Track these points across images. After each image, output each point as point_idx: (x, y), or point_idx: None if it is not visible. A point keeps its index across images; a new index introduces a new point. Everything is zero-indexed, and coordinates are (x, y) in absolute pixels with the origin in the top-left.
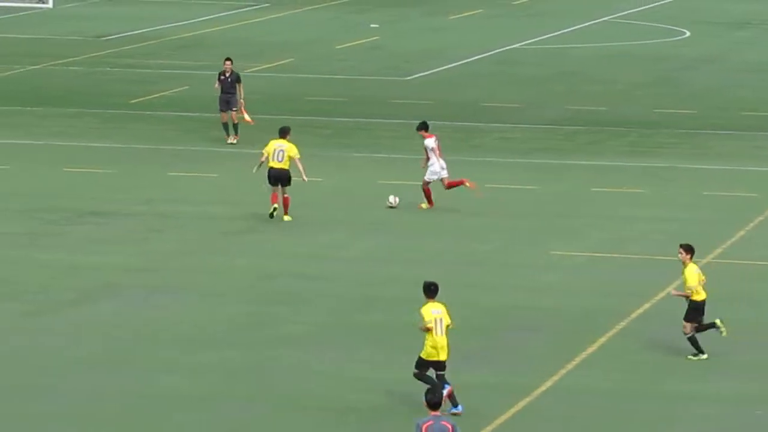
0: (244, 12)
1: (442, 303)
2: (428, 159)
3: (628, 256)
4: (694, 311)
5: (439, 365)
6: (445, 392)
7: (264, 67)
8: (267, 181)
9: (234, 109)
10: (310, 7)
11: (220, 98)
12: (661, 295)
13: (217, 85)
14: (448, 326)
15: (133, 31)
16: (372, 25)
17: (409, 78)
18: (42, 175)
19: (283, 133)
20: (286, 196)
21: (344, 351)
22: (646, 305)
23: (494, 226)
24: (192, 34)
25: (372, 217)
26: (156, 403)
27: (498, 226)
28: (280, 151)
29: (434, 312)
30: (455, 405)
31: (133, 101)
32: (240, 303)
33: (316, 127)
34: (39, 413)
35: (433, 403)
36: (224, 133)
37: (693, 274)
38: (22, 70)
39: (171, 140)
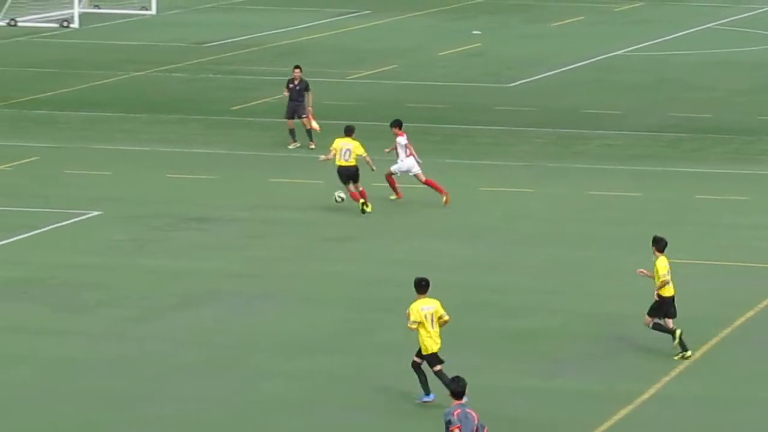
0: (345, 19)
1: (436, 299)
2: (398, 155)
3: (731, 263)
4: (658, 305)
5: (431, 359)
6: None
7: (366, 73)
8: (338, 180)
9: (303, 116)
10: (411, 14)
11: (288, 105)
12: (765, 303)
13: (285, 92)
14: (444, 321)
15: (235, 38)
16: (474, 32)
17: (511, 85)
18: (146, 181)
19: (349, 131)
20: (361, 189)
21: (445, 357)
22: (750, 313)
23: (597, 233)
24: (293, 41)
25: (474, 224)
26: (257, 409)
27: (601, 233)
28: (347, 150)
29: (425, 309)
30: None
31: (235, 108)
32: (340, 309)
33: (418, 133)
34: (144, 419)
35: (457, 393)
36: (289, 138)
37: (664, 266)
38: (126, 76)
39: (272, 147)
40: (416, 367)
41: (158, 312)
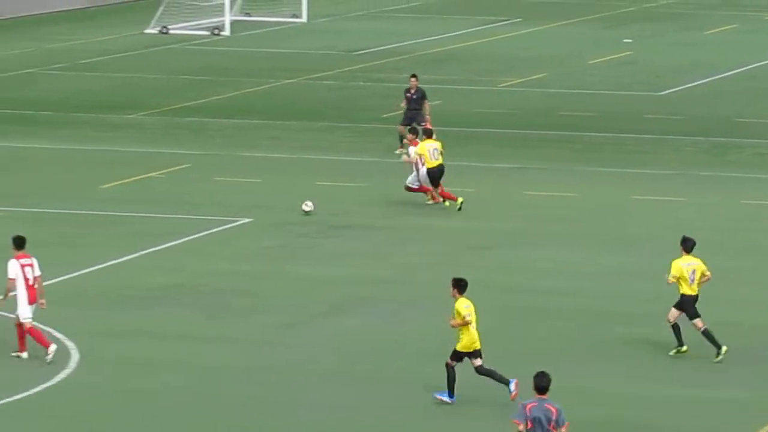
0: (496, 27)
1: (470, 299)
2: (415, 165)
3: None
4: (681, 302)
5: (477, 353)
6: (512, 386)
7: (516, 81)
8: (430, 184)
9: (421, 124)
10: (562, 22)
11: (405, 114)
12: None
13: (404, 103)
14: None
15: (385, 45)
16: (625, 41)
17: (661, 93)
18: (295, 189)
19: (429, 133)
20: (444, 189)
21: (586, 366)
22: None
23: (751, 242)
24: (444, 49)
25: (623, 233)
26: (403, 416)
27: (755, 242)
28: (435, 149)
29: (466, 306)
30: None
31: (385, 115)
32: (484, 317)
33: (566, 141)
34: (291, 426)
35: (540, 387)
36: (398, 143)
37: (675, 266)
38: (276, 84)
39: None
40: (448, 369)
41: (306, 319)
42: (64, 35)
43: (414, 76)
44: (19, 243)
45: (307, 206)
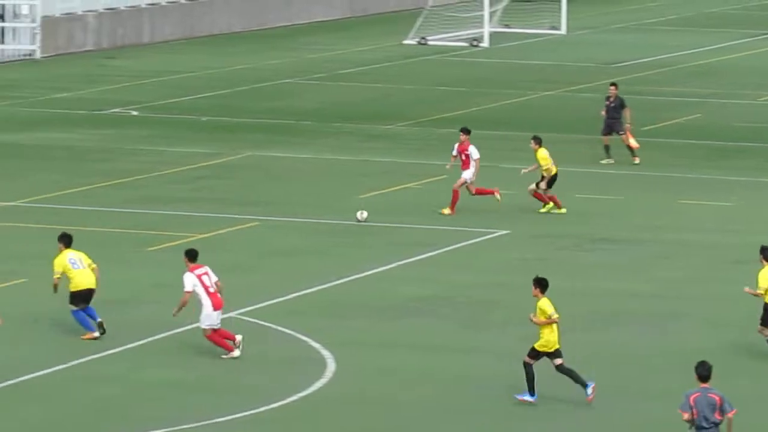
0: (757, 40)
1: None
2: (468, 164)
3: None
4: (765, 313)
5: (557, 353)
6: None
7: None
8: (548, 187)
9: (621, 133)
10: None
11: (605, 122)
12: None
13: (603, 112)
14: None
15: (644, 58)
16: None
17: None
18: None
19: (539, 141)
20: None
21: None
22: None
23: None
24: (704, 62)
25: None
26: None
27: None
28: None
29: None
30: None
31: (644, 128)
32: (746, 332)
33: None
34: None
35: (703, 376)
36: (604, 153)
37: (764, 276)
38: (535, 95)
39: (682, 168)
40: (526, 367)
41: (562, 333)
42: (323, 45)
43: (614, 84)
44: (193, 256)
45: (362, 215)
